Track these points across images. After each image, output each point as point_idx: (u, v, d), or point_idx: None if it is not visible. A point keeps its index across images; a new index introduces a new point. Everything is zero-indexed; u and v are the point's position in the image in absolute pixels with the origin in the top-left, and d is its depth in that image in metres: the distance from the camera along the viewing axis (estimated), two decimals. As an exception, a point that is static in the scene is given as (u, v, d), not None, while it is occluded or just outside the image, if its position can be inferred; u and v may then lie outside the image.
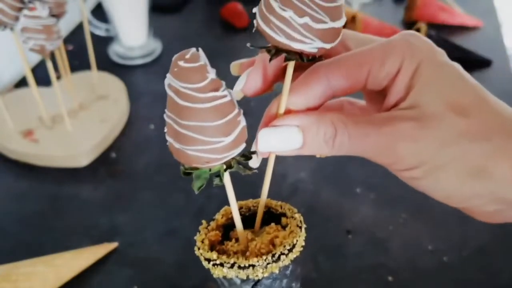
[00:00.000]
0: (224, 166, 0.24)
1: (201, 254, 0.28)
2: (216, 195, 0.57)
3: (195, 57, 0.21)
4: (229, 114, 0.22)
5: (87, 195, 0.59)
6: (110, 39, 0.84)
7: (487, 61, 0.81)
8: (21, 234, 0.55)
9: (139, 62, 0.81)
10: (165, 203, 0.58)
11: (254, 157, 0.27)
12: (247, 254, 0.28)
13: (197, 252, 0.28)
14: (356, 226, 0.55)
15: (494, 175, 0.24)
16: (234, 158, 0.24)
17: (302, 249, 0.28)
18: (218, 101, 0.21)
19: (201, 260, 0.28)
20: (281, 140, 0.25)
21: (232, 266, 0.26)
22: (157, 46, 0.84)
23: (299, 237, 0.27)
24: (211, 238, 0.29)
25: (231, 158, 0.24)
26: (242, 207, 0.31)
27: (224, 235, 0.30)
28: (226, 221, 0.30)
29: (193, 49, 0.22)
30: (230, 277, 0.27)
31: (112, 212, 0.57)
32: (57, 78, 0.62)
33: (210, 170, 0.24)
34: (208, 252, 0.27)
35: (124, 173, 0.62)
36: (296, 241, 0.27)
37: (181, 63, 0.21)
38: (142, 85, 0.76)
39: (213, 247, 0.29)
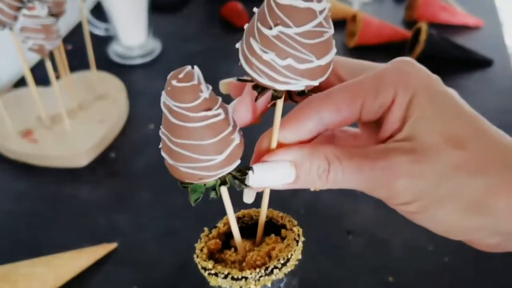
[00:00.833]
0: (219, 181, 0.24)
1: (199, 262, 0.28)
2: (216, 195, 0.57)
3: (189, 76, 0.21)
4: (221, 133, 0.22)
5: (86, 195, 0.59)
6: (109, 39, 0.84)
7: (488, 61, 0.81)
8: (20, 234, 0.54)
9: (139, 61, 0.81)
10: (165, 203, 0.58)
11: (247, 191, 0.27)
12: (243, 264, 0.28)
13: (196, 259, 0.28)
14: (356, 226, 0.54)
15: (493, 209, 0.23)
16: (230, 173, 0.24)
17: (298, 262, 0.28)
18: (210, 120, 0.21)
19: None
20: (274, 175, 0.25)
21: (226, 276, 0.26)
22: (156, 46, 0.84)
23: (294, 251, 0.27)
24: (211, 246, 0.29)
25: (226, 174, 0.23)
26: (244, 216, 0.31)
27: (225, 242, 0.30)
28: (228, 229, 0.30)
29: (188, 67, 0.21)
30: (224, 287, 0.27)
31: (111, 212, 0.56)
32: (56, 78, 0.62)
33: (205, 185, 0.24)
34: (205, 261, 0.28)
35: (124, 173, 0.62)
36: (291, 255, 0.27)
37: (174, 82, 0.21)
38: (141, 85, 0.76)
39: (212, 254, 0.29)
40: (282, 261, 0.26)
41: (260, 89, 0.23)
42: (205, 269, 0.27)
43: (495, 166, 0.23)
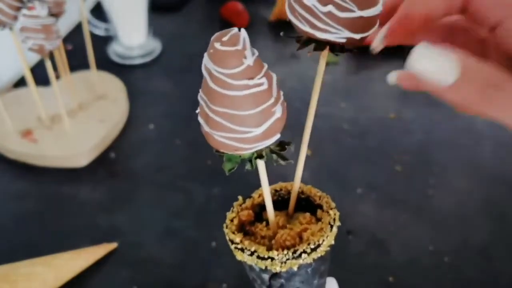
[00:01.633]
0: (255, 154, 0.23)
1: (227, 233, 0.27)
2: (216, 195, 0.57)
3: (234, 40, 0.20)
4: (262, 104, 0.21)
5: (86, 195, 0.59)
6: (109, 39, 0.84)
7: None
8: (20, 234, 0.54)
9: (139, 61, 0.80)
10: (165, 203, 0.58)
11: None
12: (272, 242, 0.27)
13: (224, 229, 0.27)
14: (356, 226, 0.54)
15: None
16: (268, 147, 0.23)
17: (329, 249, 0.26)
18: (251, 89, 0.20)
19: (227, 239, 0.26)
20: (435, 65, 0.21)
21: (252, 254, 0.25)
22: (156, 46, 0.83)
23: (327, 237, 0.26)
24: (243, 217, 0.28)
25: (264, 147, 0.22)
26: (281, 189, 0.29)
27: (258, 214, 0.29)
28: (262, 201, 0.28)
29: (234, 30, 0.20)
30: (250, 263, 0.26)
31: (111, 212, 0.56)
32: (56, 77, 0.62)
33: (240, 156, 0.23)
34: (234, 233, 0.26)
35: (124, 173, 0.62)
36: (323, 240, 0.26)
37: (217, 45, 0.20)
38: (141, 85, 0.76)
39: (243, 226, 0.28)
40: (312, 246, 0.25)
41: (303, 40, 0.23)
42: (232, 241, 0.26)
43: None
